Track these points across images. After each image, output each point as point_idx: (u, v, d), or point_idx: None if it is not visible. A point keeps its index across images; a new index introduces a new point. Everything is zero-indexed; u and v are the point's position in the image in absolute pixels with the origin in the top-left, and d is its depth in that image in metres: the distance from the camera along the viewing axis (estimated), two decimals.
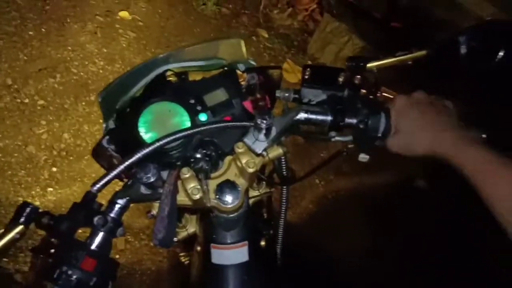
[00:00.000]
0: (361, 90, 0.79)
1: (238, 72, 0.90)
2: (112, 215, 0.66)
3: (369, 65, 0.81)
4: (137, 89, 0.84)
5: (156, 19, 2.77)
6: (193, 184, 0.70)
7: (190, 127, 0.73)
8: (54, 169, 2.11)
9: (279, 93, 0.83)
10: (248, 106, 0.86)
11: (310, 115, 0.73)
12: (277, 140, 0.74)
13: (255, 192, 0.95)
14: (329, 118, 0.73)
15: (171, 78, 0.87)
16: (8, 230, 0.59)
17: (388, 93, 0.79)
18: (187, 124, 0.74)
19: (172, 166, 0.72)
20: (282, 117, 0.73)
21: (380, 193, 2.28)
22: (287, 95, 0.82)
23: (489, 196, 0.61)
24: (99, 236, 0.63)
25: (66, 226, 0.60)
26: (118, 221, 0.66)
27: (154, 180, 0.66)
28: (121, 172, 0.66)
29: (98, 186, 0.64)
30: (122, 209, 0.67)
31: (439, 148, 0.68)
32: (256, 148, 0.72)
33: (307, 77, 0.81)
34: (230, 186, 0.72)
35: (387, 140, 0.75)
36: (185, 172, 0.71)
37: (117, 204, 0.67)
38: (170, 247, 0.68)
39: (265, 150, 0.73)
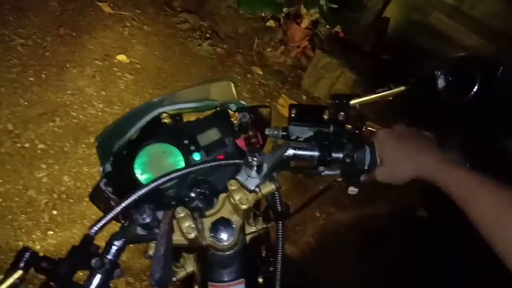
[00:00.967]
0: (347, 125, 0.82)
1: (230, 111, 0.93)
2: (109, 257, 0.67)
3: (352, 102, 0.84)
4: (133, 132, 0.87)
5: (153, 61, 2.85)
6: (188, 223, 0.71)
7: (184, 167, 0.75)
8: (55, 212, 2.11)
9: (268, 131, 0.85)
10: (241, 144, 0.89)
11: (298, 151, 0.76)
12: (269, 176, 0.77)
13: (252, 228, 0.95)
14: (316, 154, 0.76)
15: (166, 120, 0.90)
16: (7, 275, 0.60)
17: (373, 127, 0.82)
18: (182, 164, 0.77)
19: (168, 206, 0.73)
20: (272, 154, 0.76)
21: (381, 224, 2.28)
22: (276, 132, 0.85)
23: (471, 213, 0.64)
24: (97, 278, 0.64)
25: (65, 270, 0.61)
26: (115, 262, 0.67)
27: (149, 220, 0.68)
28: (118, 214, 0.68)
29: (95, 228, 0.66)
30: (119, 250, 0.68)
31: (423, 171, 0.72)
32: (249, 184, 0.74)
33: (293, 115, 0.85)
34: (224, 223, 0.74)
35: (375, 172, 0.78)
36: (180, 212, 0.72)
37: (113, 246, 0.68)
38: (167, 287, 0.69)
39: (258, 187, 0.75)
